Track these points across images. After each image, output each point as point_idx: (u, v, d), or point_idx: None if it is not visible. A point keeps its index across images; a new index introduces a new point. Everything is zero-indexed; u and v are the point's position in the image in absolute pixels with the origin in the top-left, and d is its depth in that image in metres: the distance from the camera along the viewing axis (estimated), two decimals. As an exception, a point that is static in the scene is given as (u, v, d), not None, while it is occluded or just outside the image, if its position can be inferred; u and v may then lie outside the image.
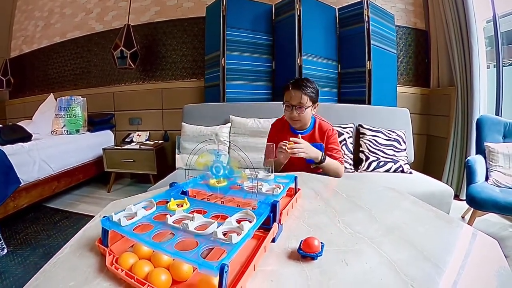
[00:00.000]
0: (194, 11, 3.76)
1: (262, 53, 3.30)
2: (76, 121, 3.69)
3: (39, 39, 4.87)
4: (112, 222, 0.71)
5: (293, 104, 1.70)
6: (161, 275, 0.59)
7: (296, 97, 1.69)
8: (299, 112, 1.70)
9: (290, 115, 1.73)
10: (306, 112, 1.71)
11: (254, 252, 0.67)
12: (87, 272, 0.66)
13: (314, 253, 0.68)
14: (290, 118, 1.76)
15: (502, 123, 2.57)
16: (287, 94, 1.73)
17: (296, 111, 1.70)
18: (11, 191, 2.48)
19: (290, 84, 1.73)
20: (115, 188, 3.82)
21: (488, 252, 0.74)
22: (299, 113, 1.70)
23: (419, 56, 3.64)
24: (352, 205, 1.06)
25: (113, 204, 1.13)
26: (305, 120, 1.76)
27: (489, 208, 2.07)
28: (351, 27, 3.22)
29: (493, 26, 3.12)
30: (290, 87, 1.72)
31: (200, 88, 3.74)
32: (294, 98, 1.69)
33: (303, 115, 1.72)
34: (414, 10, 3.58)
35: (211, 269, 0.51)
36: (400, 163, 2.62)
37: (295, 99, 1.69)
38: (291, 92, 1.70)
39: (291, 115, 1.73)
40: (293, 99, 1.70)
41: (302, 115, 1.71)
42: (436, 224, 0.90)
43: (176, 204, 0.82)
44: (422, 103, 3.64)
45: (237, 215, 0.72)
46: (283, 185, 0.98)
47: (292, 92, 1.70)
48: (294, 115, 1.72)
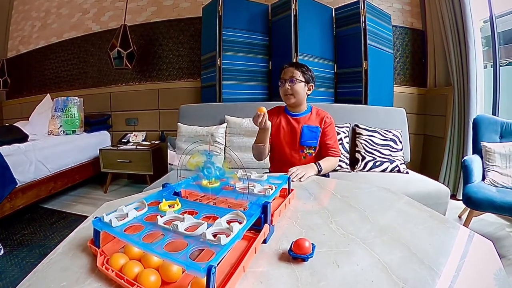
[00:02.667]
0: (191, 11, 3.75)
1: (258, 53, 3.29)
2: (73, 121, 3.68)
3: (36, 40, 4.85)
4: (103, 223, 0.71)
5: (285, 78, 1.77)
6: (150, 276, 0.59)
7: (289, 72, 1.76)
8: (291, 85, 1.75)
9: (283, 89, 1.78)
10: (298, 85, 1.75)
11: (244, 253, 0.67)
12: (79, 273, 0.66)
13: (305, 255, 0.67)
14: (283, 93, 1.80)
15: (498, 123, 2.57)
16: (282, 73, 1.81)
17: (288, 83, 1.75)
18: (7, 192, 2.47)
19: (285, 64, 1.83)
20: (111, 189, 3.82)
21: (483, 254, 0.74)
22: (291, 85, 1.75)
23: (416, 56, 3.64)
24: (346, 206, 1.06)
25: (107, 205, 1.12)
26: (298, 95, 1.77)
27: (485, 208, 2.07)
28: (348, 27, 3.22)
29: (490, 26, 3.12)
30: (285, 66, 1.81)
31: (196, 89, 3.73)
32: (287, 73, 1.77)
33: (295, 87, 1.75)
34: (410, 10, 3.59)
35: (198, 271, 0.51)
36: (397, 163, 2.62)
37: (287, 73, 1.77)
38: (285, 70, 1.80)
39: (284, 88, 1.77)
40: (286, 74, 1.77)
41: (293, 87, 1.75)
42: (430, 224, 0.89)
43: (168, 205, 0.82)
44: (419, 103, 3.64)
45: (227, 216, 0.71)
46: (275, 185, 0.98)
47: (285, 69, 1.79)
48: (286, 87, 1.76)
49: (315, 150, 1.82)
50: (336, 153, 1.81)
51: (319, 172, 1.63)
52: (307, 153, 1.81)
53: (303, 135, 1.80)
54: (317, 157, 1.82)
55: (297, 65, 1.78)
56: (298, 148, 1.81)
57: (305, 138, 1.80)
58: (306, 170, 1.51)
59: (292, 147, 1.82)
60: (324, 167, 1.67)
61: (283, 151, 1.83)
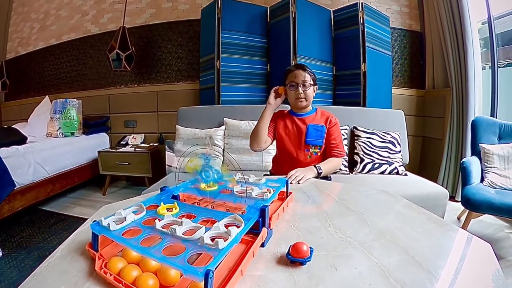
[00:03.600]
0: (189, 13, 3.75)
1: (257, 55, 3.30)
2: (71, 123, 3.68)
3: (35, 41, 4.84)
4: (101, 227, 0.71)
5: (298, 82, 1.77)
6: (149, 280, 0.59)
7: (301, 75, 1.77)
8: (304, 89, 1.76)
9: (296, 92, 1.78)
10: (310, 90, 1.79)
11: (242, 257, 0.67)
12: (77, 276, 0.66)
13: (303, 258, 0.67)
14: (296, 97, 1.80)
15: (497, 124, 2.57)
16: (291, 75, 1.80)
17: (302, 88, 1.76)
18: (5, 194, 2.47)
19: (293, 67, 1.83)
20: (110, 191, 3.80)
21: (482, 256, 0.74)
22: (304, 90, 1.77)
23: (414, 58, 3.65)
24: (344, 209, 1.06)
25: (105, 208, 1.12)
26: (309, 99, 1.81)
27: (484, 210, 2.07)
28: (346, 29, 3.22)
29: (488, 27, 3.13)
30: (294, 69, 1.81)
31: (195, 91, 3.73)
32: (299, 77, 1.77)
33: (308, 92, 1.78)
34: (409, 12, 3.60)
35: (196, 275, 0.51)
36: (395, 165, 2.62)
37: (299, 77, 1.77)
38: (295, 72, 1.78)
39: (297, 92, 1.78)
40: (298, 78, 1.77)
41: (306, 92, 1.77)
42: (428, 227, 0.89)
43: (166, 208, 0.82)
44: (417, 104, 3.65)
45: (225, 220, 0.71)
46: (274, 189, 0.98)
47: (296, 72, 1.78)
48: (299, 91, 1.77)
49: (321, 150, 1.82)
50: (340, 153, 1.81)
51: (318, 174, 1.63)
52: (313, 152, 1.81)
53: (308, 133, 1.81)
54: (322, 157, 1.82)
55: (305, 68, 1.80)
56: (303, 147, 1.81)
57: (310, 137, 1.80)
58: (305, 173, 1.51)
59: (297, 147, 1.82)
60: (324, 169, 1.66)
61: (288, 150, 1.84)
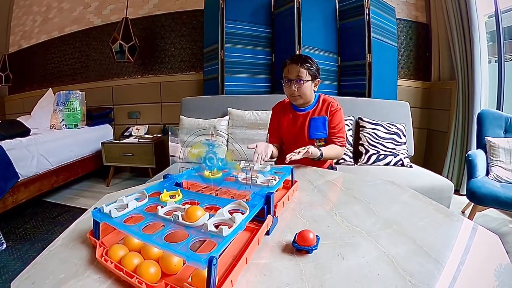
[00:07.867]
0: (193, 3, 3.71)
1: (261, 45, 3.27)
2: (75, 115, 3.67)
3: (37, 34, 4.83)
4: (103, 214, 0.70)
5: (291, 78, 1.65)
6: (150, 268, 0.58)
7: (294, 70, 1.64)
8: (298, 86, 1.64)
9: (289, 90, 1.68)
10: (305, 86, 1.65)
11: (247, 245, 0.65)
12: (78, 265, 0.65)
13: (309, 247, 0.66)
14: (290, 94, 1.70)
15: (503, 118, 2.54)
16: (285, 70, 1.68)
17: (295, 85, 1.65)
18: (9, 186, 2.47)
19: (288, 60, 1.69)
20: (114, 182, 3.81)
21: (490, 247, 0.72)
22: (298, 87, 1.65)
23: (420, 49, 3.60)
24: (350, 198, 1.05)
25: (108, 196, 1.12)
26: (305, 96, 1.69)
27: (489, 203, 2.05)
28: (351, 19, 3.18)
29: (495, 21, 3.08)
30: (288, 62, 1.68)
31: (199, 81, 3.71)
32: (292, 72, 1.64)
33: (302, 89, 1.65)
34: (415, 3, 3.54)
35: (199, 262, 0.49)
36: (400, 156, 2.60)
37: (292, 72, 1.64)
38: (288, 67, 1.66)
39: (290, 90, 1.67)
40: (291, 73, 1.65)
41: (301, 89, 1.65)
42: (435, 218, 0.88)
43: (169, 195, 0.80)
44: (423, 96, 3.61)
45: (229, 206, 0.70)
46: (279, 177, 0.96)
47: (289, 67, 1.66)
48: (292, 89, 1.66)
49: (326, 142, 1.75)
50: (341, 142, 1.73)
51: (320, 156, 1.56)
52: (318, 145, 1.72)
53: (310, 128, 1.74)
54: None
55: (301, 61, 1.64)
56: (307, 142, 1.71)
57: (313, 132, 1.74)
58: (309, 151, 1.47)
59: (302, 143, 1.69)
60: (325, 152, 1.59)
61: (294, 147, 1.68)
